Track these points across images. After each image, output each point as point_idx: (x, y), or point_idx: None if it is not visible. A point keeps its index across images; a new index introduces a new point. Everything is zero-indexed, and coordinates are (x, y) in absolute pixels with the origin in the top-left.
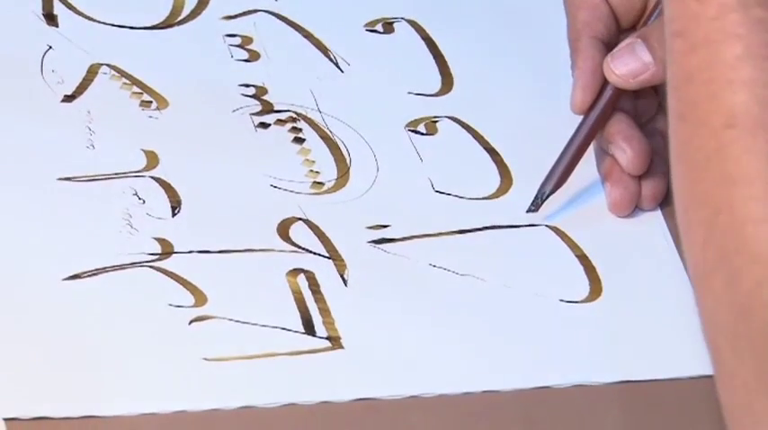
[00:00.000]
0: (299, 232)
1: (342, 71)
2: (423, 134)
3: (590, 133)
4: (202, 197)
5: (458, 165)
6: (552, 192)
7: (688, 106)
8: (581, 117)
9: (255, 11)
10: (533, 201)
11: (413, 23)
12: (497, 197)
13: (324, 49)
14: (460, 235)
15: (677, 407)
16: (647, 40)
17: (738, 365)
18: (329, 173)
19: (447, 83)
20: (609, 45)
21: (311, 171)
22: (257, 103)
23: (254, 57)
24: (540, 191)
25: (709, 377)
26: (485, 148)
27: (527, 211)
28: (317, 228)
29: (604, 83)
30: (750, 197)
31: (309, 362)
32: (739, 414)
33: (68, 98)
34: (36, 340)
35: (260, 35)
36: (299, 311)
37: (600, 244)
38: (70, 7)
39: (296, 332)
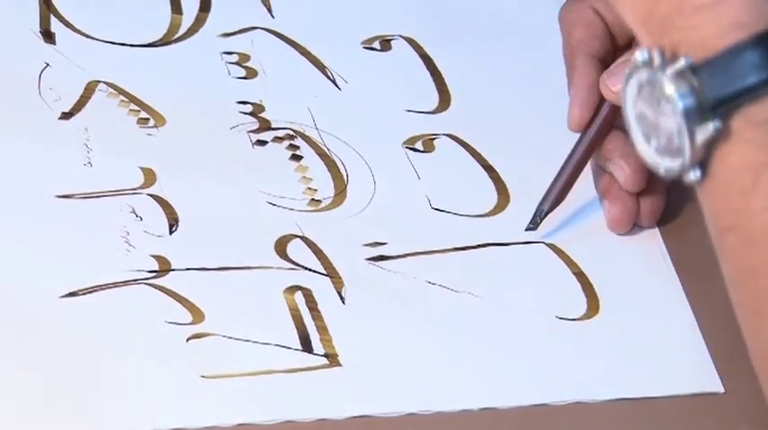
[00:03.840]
0: (296, 249)
1: (339, 88)
2: (420, 151)
3: (587, 150)
4: (200, 214)
5: (455, 183)
6: (551, 209)
7: (763, 302)
8: (578, 134)
9: (253, 28)
10: (532, 219)
11: (410, 41)
12: (495, 214)
13: (321, 67)
14: (458, 252)
15: (675, 424)
16: None
17: None
18: (326, 190)
19: (444, 100)
20: (605, 62)
21: (308, 188)
22: (254, 120)
23: (251, 74)
24: (538, 209)
25: (707, 394)
26: (482, 166)
27: (526, 229)
28: (315, 245)
29: (601, 100)
30: None
31: (307, 380)
32: None
33: (66, 115)
34: (33, 357)
35: (257, 52)
36: (297, 328)
37: (597, 261)
38: (68, 25)
39: (293, 349)
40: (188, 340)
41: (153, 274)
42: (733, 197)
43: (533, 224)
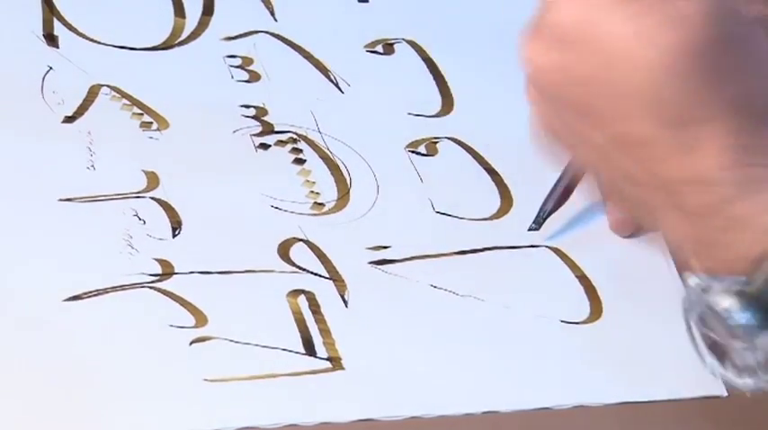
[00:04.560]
0: (299, 253)
1: (342, 92)
2: (423, 155)
3: None
4: (203, 218)
5: (458, 186)
6: (554, 210)
7: None
8: None
9: (256, 32)
10: (535, 219)
11: (413, 44)
12: (498, 218)
13: (324, 70)
14: (461, 256)
15: (677, 428)
16: None
17: None
18: (330, 193)
19: (447, 104)
20: None
21: (312, 192)
22: (258, 123)
23: (254, 77)
24: (541, 209)
25: (709, 398)
26: (485, 169)
27: (529, 229)
28: (318, 248)
29: None
30: None
31: (310, 383)
32: None
33: (69, 119)
34: (37, 361)
35: (260, 56)
36: (300, 332)
37: (600, 264)
38: (71, 28)
39: (296, 353)
40: (191, 343)
41: (156, 278)
42: None
43: (536, 224)
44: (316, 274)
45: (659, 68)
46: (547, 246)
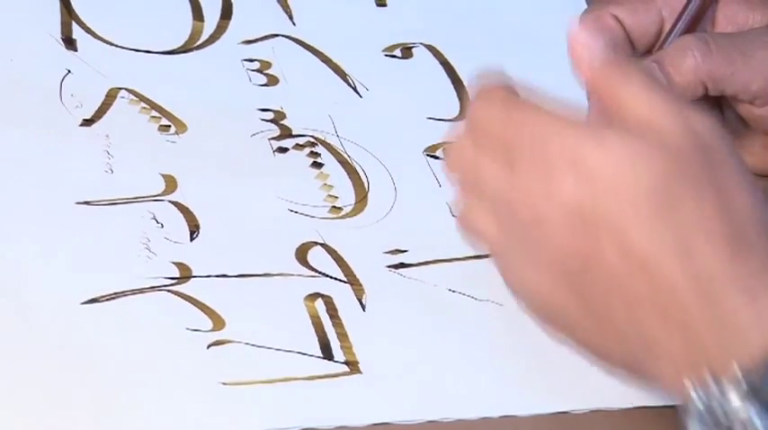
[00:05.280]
0: (317, 256)
1: (360, 96)
2: (441, 159)
3: None
4: (221, 221)
5: None
6: None
7: None
8: None
9: (274, 36)
10: None
11: (431, 48)
12: None
13: (342, 74)
14: (478, 260)
15: None
16: (662, 63)
17: None
18: (347, 197)
19: (465, 108)
20: None
21: (329, 195)
22: (276, 127)
23: (272, 81)
24: None
25: None
26: None
27: None
28: (336, 252)
29: None
30: None
31: (327, 387)
32: None
33: (87, 122)
34: (54, 364)
35: (278, 60)
36: (317, 336)
37: None
38: (89, 31)
39: (314, 356)
40: (208, 347)
41: (174, 281)
42: None
43: None
44: (333, 278)
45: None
46: None
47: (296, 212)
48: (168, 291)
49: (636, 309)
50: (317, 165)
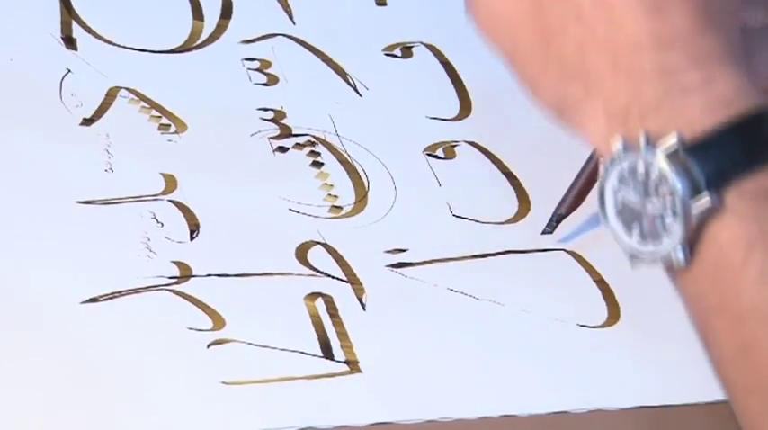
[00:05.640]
0: (317, 256)
1: (360, 95)
2: (441, 158)
3: None
4: (221, 221)
5: (476, 190)
6: (568, 213)
7: (754, 378)
8: None
9: (274, 35)
10: (549, 223)
11: (431, 48)
12: (515, 221)
13: (342, 74)
14: (479, 259)
15: None
16: None
17: None
18: (347, 197)
19: (465, 107)
20: None
21: (330, 195)
22: (276, 126)
23: (272, 81)
24: (555, 212)
25: (727, 403)
26: (503, 173)
27: (542, 233)
28: (336, 251)
29: None
30: None
31: (327, 386)
32: None
33: (87, 121)
34: (54, 363)
35: (278, 59)
36: (317, 335)
37: (618, 268)
38: (89, 31)
39: (314, 356)
40: (209, 346)
41: (174, 280)
42: (721, 275)
43: (550, 227)
44: (333, 277)
45: None
46: (564, 250)
47: (296, 212)
48: (168, 290)
49: (588, 49)
50: (317, 164)
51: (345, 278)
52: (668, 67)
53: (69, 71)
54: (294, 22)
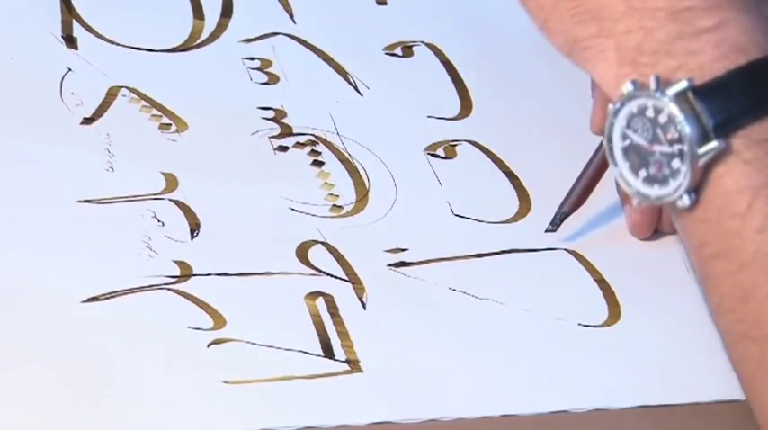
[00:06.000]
0: (317, 255)
1: (361, 94)
2: (442, 158)
3: None
4: (221, 220)
5: (477, 189)
6: (571, 212)
7: (753, 325)
8: (600, 138)
9: (275, 34)
10: (552, 221)
11: (432, 47)
12: (516, 221)
13: (343, 73)
14: (479, 258)
15: None
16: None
17: None
18: (348, 196)
19: (466, 106)
20: None
21: (330, 194)
22: (276, 126)
23: (273, 80)
24: (558, 210)
25: (728, 402)
26: (503, 172)
27: (546, 231)
28: (336, 251)
29: None
30: None
31: (328, 386)
32: None
33: (87, 120)
34: (54, 362)
35: (279, 58)
36: (318, 334)
37: (619, 268)
38: (90, 30)
39: (314, 355)
40: (209, 345)
41: (174, 280)
42: (725, 221)
43: (553, 226)
44: (334, 277)
45: None
46: (565, 249)
47: (297, 211)
48: (169, 289)
49: None
50: (318, 163)
51: (346, 277)
52: (681, 10)
53: (70, 70)
54: (295, 22)
